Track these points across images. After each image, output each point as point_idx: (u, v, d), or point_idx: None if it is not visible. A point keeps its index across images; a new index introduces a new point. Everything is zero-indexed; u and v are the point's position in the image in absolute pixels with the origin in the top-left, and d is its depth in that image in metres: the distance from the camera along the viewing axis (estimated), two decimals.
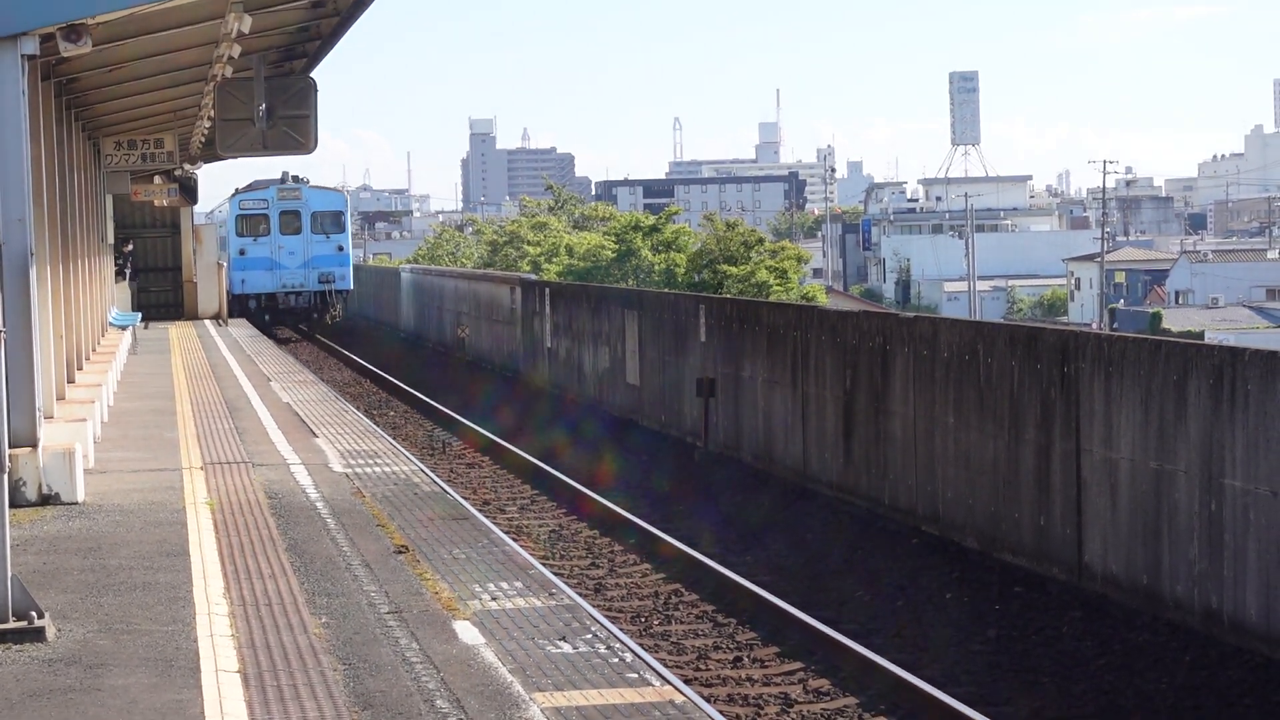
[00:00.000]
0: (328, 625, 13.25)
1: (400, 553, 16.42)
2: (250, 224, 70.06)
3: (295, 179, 71.40)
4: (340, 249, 71.00)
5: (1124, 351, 20.19)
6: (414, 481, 21.77)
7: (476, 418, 40.29)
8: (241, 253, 69.49)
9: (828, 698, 17.12)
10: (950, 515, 24.20)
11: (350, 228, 74.00)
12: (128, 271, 57.17)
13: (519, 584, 15.44)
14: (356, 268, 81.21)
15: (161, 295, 61.32)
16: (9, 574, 12.69)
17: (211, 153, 49.04)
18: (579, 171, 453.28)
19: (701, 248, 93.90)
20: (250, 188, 71.97)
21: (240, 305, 68.56)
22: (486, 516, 24.17)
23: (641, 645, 18.30)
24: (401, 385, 49.18)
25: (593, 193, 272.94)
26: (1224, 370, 18.18)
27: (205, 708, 10.85)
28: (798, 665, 18.27)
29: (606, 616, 19.34)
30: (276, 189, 70.58)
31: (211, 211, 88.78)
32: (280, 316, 71.10)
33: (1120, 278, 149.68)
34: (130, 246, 58.03)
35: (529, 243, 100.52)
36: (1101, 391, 20.47)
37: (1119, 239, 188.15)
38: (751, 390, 32.13)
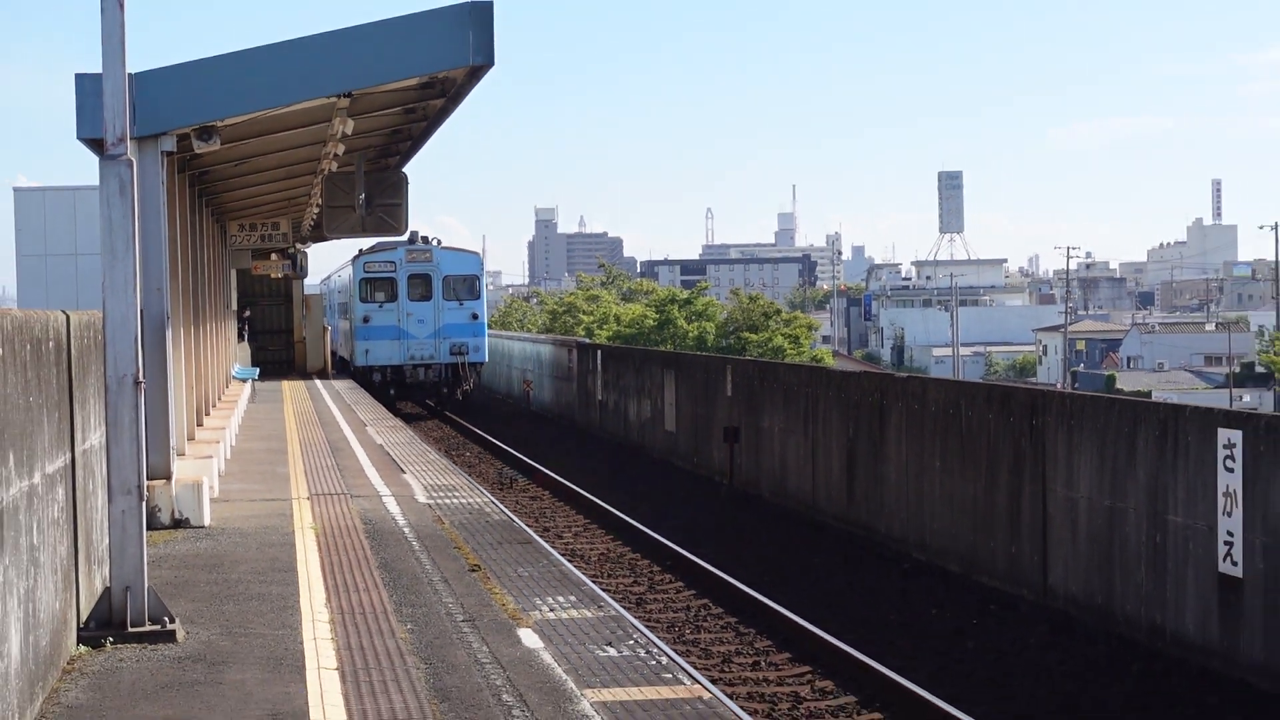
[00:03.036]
0: (412, 631, 13.26)
1: (473, 571, 16.42)
2: (375, 288, 55.06)
3: (425, 240, 56.01)
4: (475, 317, 55.32)
5: (1083, 408, 20.15)
6: (486, 511, 21.79)
7: (538, 458, 40.30)
8: (365, 320, 54.69)
9: (831, 696, 17.05)
10: (936, 544, 24.14)
11: (486, 294, 58.18)
12: (245, 333, 57.47)
13: (573, 598, 15.43)
14: None
15: (276, 354, 61.46)
16: (146, 585, 12.74)
17: (318, 234, 49.27)
18: (627, 252, 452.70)
19: (728, 317, 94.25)
20: (376, 249, 55.98)
21: (363, 378, 55.11)
22: (546, 541, 24.18)
23: (675, 650, 18.26)
24: (476, 430, 49.18)
25: (638, 270, 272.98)
26: (1168, 424, 18.13)
27: (309, 699, 10.86)
28: (806, 669, 18.21)
29: (646, 626, 19.30)
30: (405, 250, 55.11)
31: (329, 276, 76.42)
32: (407, 391, 56.11)
33: (1081, 345, 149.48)
34: (248, 312, 58.32)
35: (584, 312, 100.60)
36: (1064, 441, 20.42)
37: (1080, 313, 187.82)
38: (769, 437, 32.11)
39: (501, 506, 23.35)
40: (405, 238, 52.25)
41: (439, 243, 55.98)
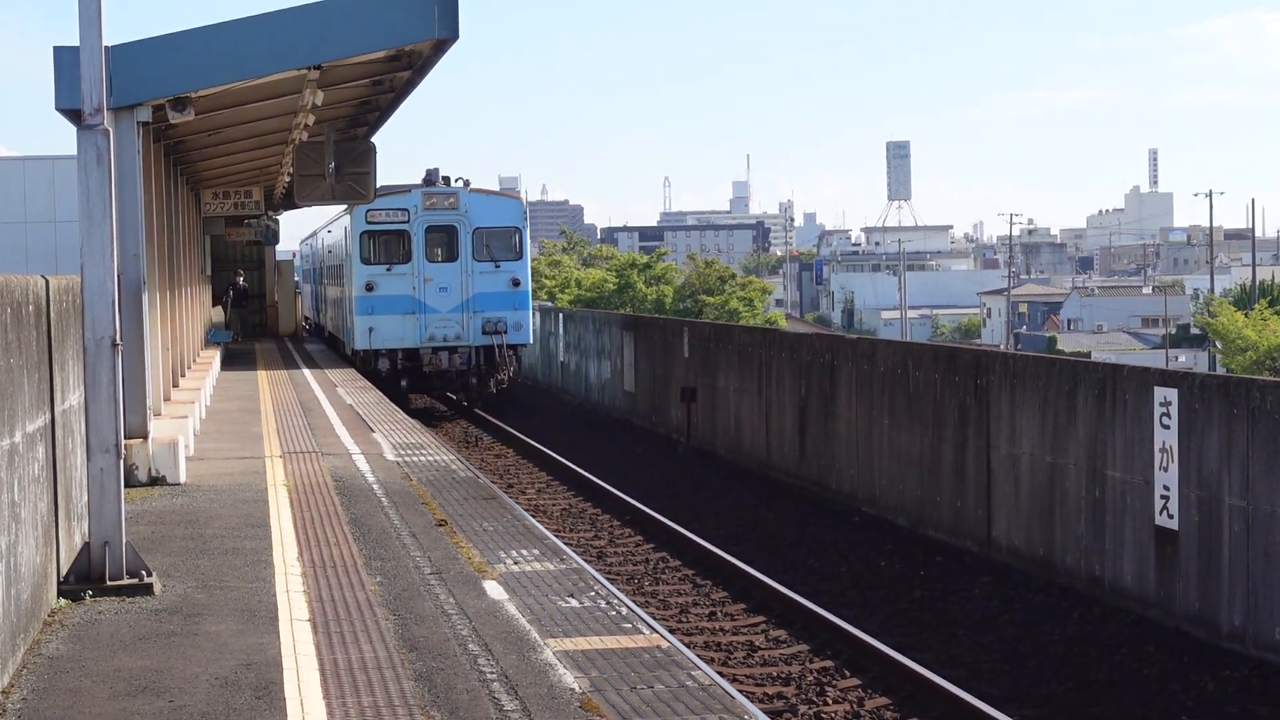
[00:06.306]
0: (381, 583, 13.24)
1: (440, 525, 16.40)
2: (381, 245, 39.75)
3: (448, 180, 40.11)
4: (516, 284, 39.71)
5: (1025, 367, 20.21)
6: (452, 469, 21.75)
7: (502, 418, 40.22)
8: (368, 288, 39.33)
9: (785, 645, 17.11)
10: (884, 498, 24.21)
11: (530, 252, 41.99)
12: (243, 296, 57.30)
13: (536, 551, 15.42)
14: None
15: (251, 317, 61.34)
16: (124, 540, 12.69)
17: (290, 202, 48.98)
18: (587, 220, 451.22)
19: (685, 281, 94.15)
20: (383, 192, 36.91)
21: (365, 366, 40.02)
22: (510, 497, 24.16)
23: (635, 601, 18.30)
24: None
25: (598, 237, 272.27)
26: (1106, 383, 18.21)
27: (282, 649, 10.84)
28: (761, 619, 18.26)
29: (606, 578, 19.34)
30: (422, 194, 39.51)
31: (314, 232, 63.65)
32: (425, 382, 40.53)
33: (1023, 308, 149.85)
34: (241, 278, 58.04)
35: (546, 277, 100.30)
36: (1007, 399, 20.48)
37: (1022, 277, 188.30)
38: (725, 397, 32.14)
39: (467, 464, 23.31)
40: (422, 178, 40.46)
41: (467, 185, 40.37)
